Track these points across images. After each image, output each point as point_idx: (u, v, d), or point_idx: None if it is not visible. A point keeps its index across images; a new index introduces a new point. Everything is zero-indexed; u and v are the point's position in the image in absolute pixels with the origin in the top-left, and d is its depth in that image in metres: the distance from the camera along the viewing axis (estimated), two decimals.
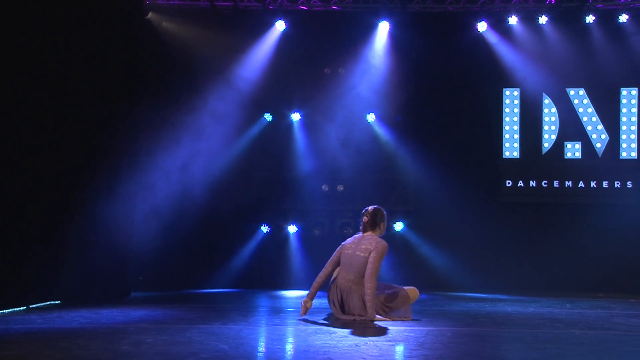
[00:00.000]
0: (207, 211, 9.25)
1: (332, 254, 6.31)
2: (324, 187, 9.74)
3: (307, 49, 9.70)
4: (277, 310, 6.82)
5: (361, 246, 6.07)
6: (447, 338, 4.92)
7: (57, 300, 6.92)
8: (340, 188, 9.75)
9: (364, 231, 6.21)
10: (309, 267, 9.58)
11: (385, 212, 6.25)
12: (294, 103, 9.78)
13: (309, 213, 9.80)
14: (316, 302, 7.69)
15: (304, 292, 8.83)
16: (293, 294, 8.64)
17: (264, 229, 9.68)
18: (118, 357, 4.00)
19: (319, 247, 9.71)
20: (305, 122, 9.81)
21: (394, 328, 5.47)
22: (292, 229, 9.69)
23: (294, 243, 9.71)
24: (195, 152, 9.14)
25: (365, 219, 6.22)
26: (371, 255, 5.94)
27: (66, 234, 6.83)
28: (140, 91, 8.02)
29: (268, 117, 9.76)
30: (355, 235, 6.27)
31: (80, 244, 7.00)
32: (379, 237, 6.11)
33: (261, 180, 9.74)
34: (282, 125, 9.82)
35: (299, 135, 9.78)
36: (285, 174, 9.74)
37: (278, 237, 9.73)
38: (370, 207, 6.27)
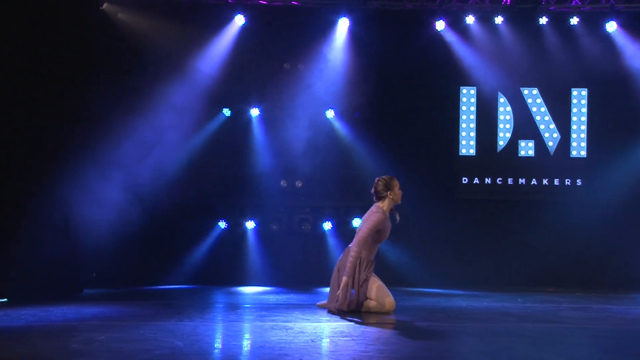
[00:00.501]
0: (164, 206, 9.11)
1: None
2: (283, 183, 9.70)
3: (266, 44, 9.63)
4: (234, 307, 6.80)
5: (364, 217, 6.22)
6: (403, 333, 4.98)
7: (4, 298, 6.74)
8: (299, 184, 9.74)
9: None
10: (266, 262, 9.56)
11: (389, 180, 6.30)
12: (253, 98, 9.68)
13: (267, 209, 9.75)
14: (272, 297, 7.70)
15: (262, 288, 8.89)
16: (251, 290, 8.62)
17: (222, 224, 9.61)
18: (67, 356, 3.92)
19: (277, 243, 9.73)
20: (264, 117, 9.74)
21: (350, 323, 5.52)
22: (249, 224, 9.64)
23: (251, 239, 9.67)
24: (151, 146, 8.99)
25: (372, 190, 6.35)
26: (364, 225, 6.06)
27: (12, 230, 6.65)
28: (93, 84, 7.85)
29: (226, 112, 9.66)
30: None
31: (28, 240, 6.83)
32: (390, 207, 6.22)
33: (219, 176, 9.64)
34: (240, 120, 9.72)
35: (257, 130, 9.71)
36: (243, 169, 9.66)
37: (236, 232, 9.66)
38: (377, 178, 6.32)
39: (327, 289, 8.53)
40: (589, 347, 4.65)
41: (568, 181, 9.87)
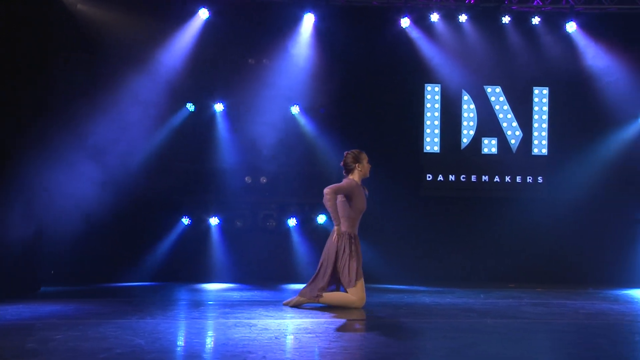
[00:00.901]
0: (126, 202, 8.97)
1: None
2: (247, 179, 9.64)
3: (231, 38, 9.54)
4: (197, 304, 6.74)
5: None
6: (367, 329, 5.00)
7: None
8: (263, 180, 9.68)
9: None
10: (230, 259, 9.50)
11: (357, 153, 6.65)
12: (217, 93, 9.58)
13: (231, 205, 9.67)
14: (236, 294, 7.66)
15: (226, 285, 8.83)
16: (214, 287, 8.56)
17: (185, 220, 9.50)
18: (23, 356, 3.83)
19: (241, 240, 9.67)
20: (228, 112, 9.66)
21: (315, 320, 5.51)
22: (213, 221, 9.56)
23: (215, 235, 9.59)
24: (113, 141, 8.84)
25: (341, 163, 6.64)
26: None
27: None
28: (53, 77, 7.67)
29: (190, 106, 9.55)
30: None
31: None
32: (359, 180, 6.55)
33: (182, 171, 9.52)
34: (204, 115, 9.62)
35: (221, 125, 9.62)
36: (207, 165, 9.57)
37: (199, 229, 9.57)
38: (346, 151, 6.61)
39: (292, 286, 8.59)
40: (550, 341, 4.73)
41: (530, 178, 10.03)
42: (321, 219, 9.79)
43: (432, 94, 10.08)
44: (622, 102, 9.83)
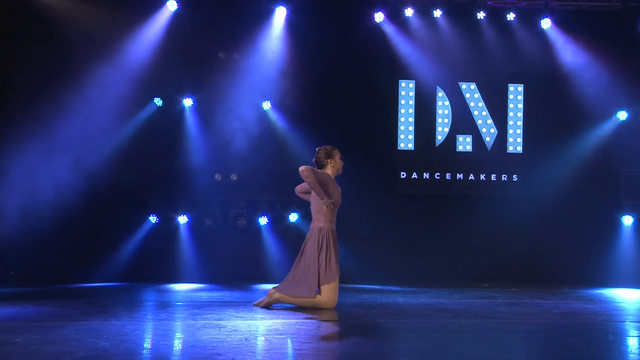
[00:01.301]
0: (90, 200, 8.86)
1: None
2: (217, 176, 9.58)
3: (200, 31, 9.47)
4: (165, 305, 6.68)
5: None
6: (339, 330, 5.00)
7: None
8: (234, 177, 9.64)
9: None
10: (200, 259, 9.45)
11: (330, 150, 6.73)
12: (186, 88, 9.52)
13: (201, 203, 9.61)
14: (206, 295, 7.61)
15: (195, 285, 8.76)
16: (183, 287, 8.48)
17: (152, 219, 9.41)
18: None
19: (211, 238, 9.62)
20: (197, 108, 9.60)
21: (286, 321, 5.50)
22: (182, 219, 9.49)
23: (184, 234, 9.52)
24: (77, 136, 8.70)
25: (313, 159, 6.72)
26: None
27: None
28: (11, 70, 7.51)
29: (158, 101, 9.47)
30: None
31: None
32: (333, 175, 6.64)
33: (150, 168, 9.43)
34: (173, 110, 9.55)
35: (191, 121, 9.56)
36: (175, 161, 9.50)
37: (167, 227, 9.49)
38: (318, 147, 6.74)
39: (264, 286, 8.55)
40: (524, 341, 4.79)
41: (505, 176, 10.13)
42: (293, 217, 9.77)
43: (407, 90, 10.12)
44: (598, 100, 9.97)
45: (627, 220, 9.88)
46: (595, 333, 5.09)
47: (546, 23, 9.98)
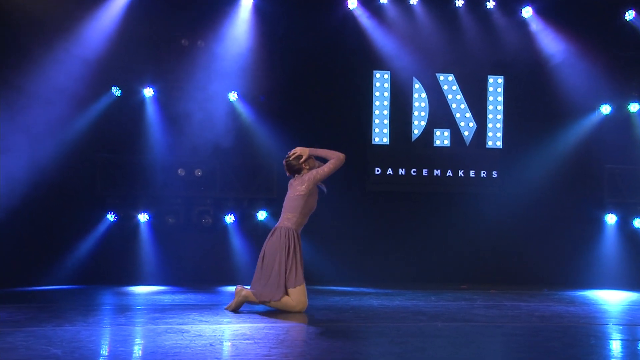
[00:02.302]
0: (43, 197, 8.74)
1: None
2: (180, 172, 9.52)
3: (162, 16, 9.33)
4: (124, 309, 6.65)
5: (292, 187, 6.61)
6: (309, 334, 5.04)
7: None
8: (199, 173, 9.59)
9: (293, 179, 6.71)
10: (161, 259, 9.39)
11: (293, 154, 6.79)
12: (147, 77, 9.41)
13: (163, 200, 9.54)
14: (168, 297, 7.58)
15: (157, 288, 8.71)
16: (144, 290, 8.45)
17: (110, 217, 9.33)
18: None
19: (174, 238, 9.56)
20: (159, 98, 9.50)
21: (253, 325, 5.51)
22: (142, 217, 9.42)
23: (144, 233, 9.45)
24: (27, 130, 8.58)
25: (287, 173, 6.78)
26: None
27: None
28: None
29: (116, 91, 9.36)
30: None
31: None
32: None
33: (107, 163, 9.33)
34: (132, 101, 9.43)
35: (151, 112, 9.47)
36: (135, 155, 9.41)
37: (126, 226, 9.40)
38: (285, 160, 6.74)
39: (230, 288, 8.54)
40: (501, 345, 4.87)
41: (484, 173, 10.23)
42: (261, 215, 9.77)
43: (381, 82, 10.17)
44: (581, 93, 10.09)
45: (611, 219, 10.05)
46: (576, 336, 5.19)
47: (527, 11, 10.09)
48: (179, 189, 9.53)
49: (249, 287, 6.50)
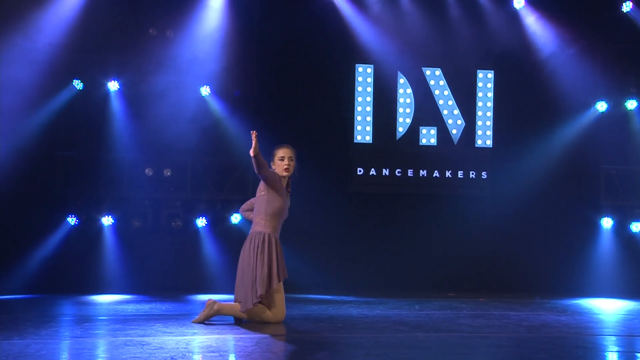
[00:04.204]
0: None
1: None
2: (148, 171, 9.43)
3: (128, 3, 9.26)
4: (83, 319, 6.55)
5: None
6: (279, 347, 4.98)
7: None
8: (168, 172, 9.51)
9: None
10: (126, 266, 9.30)
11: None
12: (111, 69, 9.31)
13: (129, 201, 9.45)
14: (132, 307, 7.48)
15: (121, 297, 8.62)
16: (106, 299, 8.36)
17: (71, 220, 9.21)
18: None
19: (141, 242, 9.48)
20: (124, 92, 9.40)
21: (221, 336, 5.46)
22: (106, 220, 9.32)
23: (108, 237, 9.36)
24: None
25: None
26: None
27: None
28: None
29: (78, 84, 9.25)
30: None
31: None
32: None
33: (67, 161, 9.21)
34: (95, 95, 9.32)
35: (116, 107, 9.37)
36: (98, 153, 9.30)
37: (89, 230, 9.29)
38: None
39: (201, 296, 8.47)
40: (485, 357, 4.85)
41: (473, 173, 10.23)
42: (235, 218, 9.70)
43: (364, 76, 10.13)
44: (575, 89, 10.11)
45: (607, 222, 10.06)
46: (565, 348, 5.18)
47: (519, 2, 10.09)
48: (146, 189, 9.45)
49: (223, 301, 6.47)
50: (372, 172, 10.12)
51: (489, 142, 10.28)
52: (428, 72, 10.20)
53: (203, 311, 6.34)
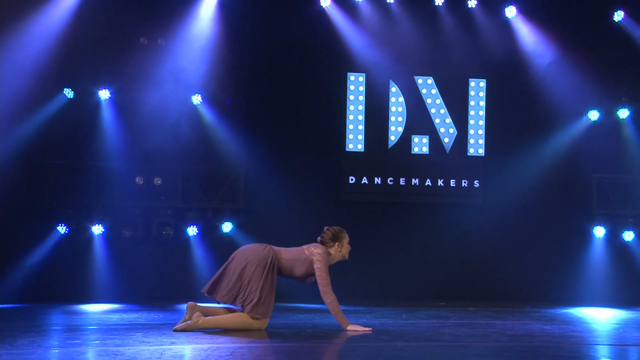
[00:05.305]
0: None
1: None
2: (138, 180, 9.38)
3: (119, 12, 9.24)
4: (64, 329, 6.46)
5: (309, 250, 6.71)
6: (255, 356, 4.88)
7: None
8: (158, 181, 9.46)
9: None
10: (117, 275, 9.25)
11: (338, 232, 6.79)
12: (102, 77, 9.29)
13: (119, 210, 9.40)
14: (117, 316, 7.37)
15: (110, 306, 8.52)
16: (95, 308, 8.26)
17: (61, 229, 9.15)
18: None
19: (131, 251, 9.44)
20: (116, 100, 9.37)
21: (197, 346, 5.36)
22: (96, 229, 9.25)
23: (98, 246, 9.30)
24: None
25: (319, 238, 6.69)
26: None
27: None
28: None
29: (69, 93, 9.23)
30: None
31: None
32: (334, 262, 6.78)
33: (58, 170, 9.18)
34: (86, 103, 9.30)
35: (107, 116, 9.33)
36: (89, 162, 9.27)
37: (79, 239, 9.24)
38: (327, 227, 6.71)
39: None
40: None
41: (465, 182, 10.14)
42: (226, 227, 9.62)
43: (356, 85, 10.07)
44: (567, 98, 10.07)
45: (599, 231, 9.97)
46: (544, 357, 5.06)
47: (511, 11, 10.04)
48: (137, 198, 9.42)
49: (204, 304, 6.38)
50: (364, 180, 10.04)
51: (481, 151, 10.19)
52: (420, 81, 10.13)
53: (185, 319, 6.23)
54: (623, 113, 10.09)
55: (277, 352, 5.13)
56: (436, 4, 10.00)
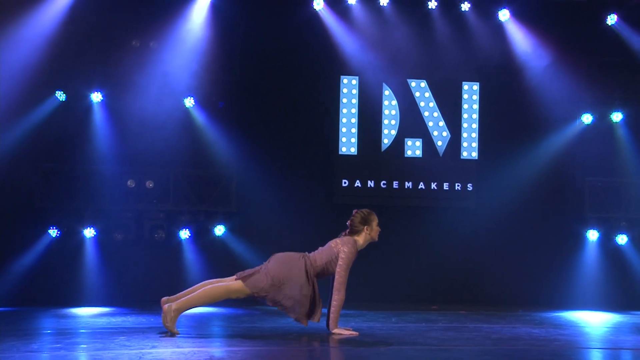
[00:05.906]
0: None
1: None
2: (130, 183, 9.36)
3: (110, 15, 9.21)
4: (50, 333, 6.42)
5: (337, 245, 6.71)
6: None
7: None
8: (150, 184, 9.44)
9: None
10: (108, 278, 9.23)
11: (367, 214, 6.80)
12: (94, 80, 9.28)
13: (111, 213, 9.38)
14: (105, 320, 7.33)
15: (100, 309, 8.48)
16: (85, 312, 8.23)
17: (52, 232, 9.14)
18: None
19: (123, 255, 9.41)
20: (107, 103, 9.36)
21: (177, 350, 5.31)
22: (88, 232, 9.22)
23: (90, 250, 9.27)
24: None
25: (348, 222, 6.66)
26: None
27: None
28: None
29: (60, 95, 9.22)
30: None
31: None
32: (365, 245, 6.77)
33: (49, 173, 9.15)
34: (78, 106, 9.28)
35: (99, 118, 9.31)
36: (80, 165, 9.24)
37: (70, 242, 9.22)
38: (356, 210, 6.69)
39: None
40: None
41: (458, 185, 10.09)
42: (219, 230, 9.58)
43: (349, 88, 10.03)
44: (561, 101, 10.03)
45: (592, 235, 9.92)
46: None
47: (504, 14, 9.99)
48: (129, 201, 9.39)
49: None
50: (357, 183, 10.00)
51: (474, 154, 10.13)
52: (413, 84, 10.09)
53: (165, 318, 6.12)
54: (616, 116, 10.05)
55: (255, 356, 5.08)
56: (429, 7, 9.95)
